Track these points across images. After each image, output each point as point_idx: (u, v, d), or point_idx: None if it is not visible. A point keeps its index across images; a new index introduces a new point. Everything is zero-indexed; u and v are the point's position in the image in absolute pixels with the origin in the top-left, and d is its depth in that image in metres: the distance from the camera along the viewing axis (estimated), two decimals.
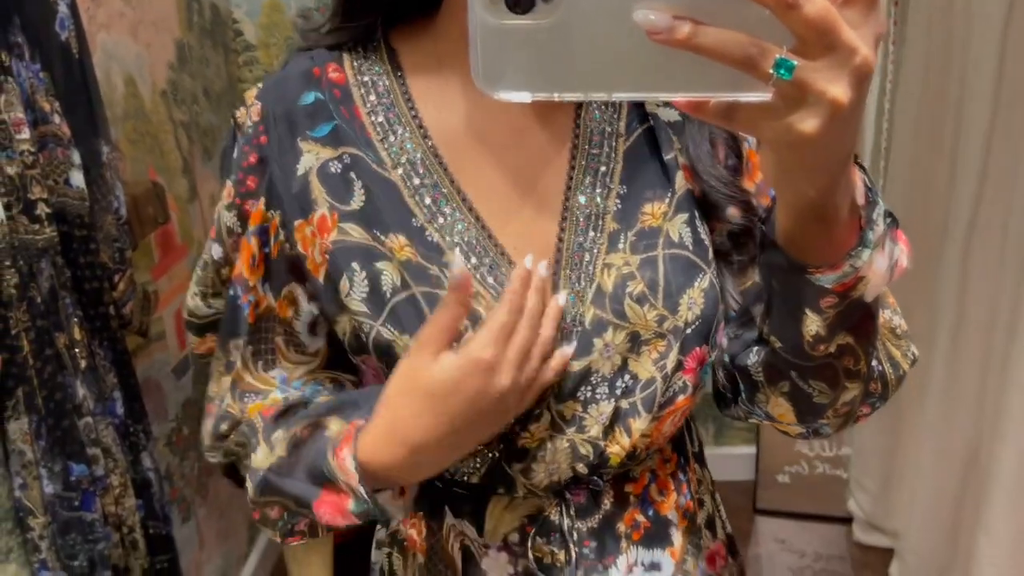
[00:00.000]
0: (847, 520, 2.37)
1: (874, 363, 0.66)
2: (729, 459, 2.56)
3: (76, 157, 1.33)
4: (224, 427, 0.74)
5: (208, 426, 0.76)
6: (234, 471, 0.77)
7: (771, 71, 0.40)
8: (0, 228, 1.16)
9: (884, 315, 0.69)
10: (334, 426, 0.66)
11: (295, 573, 1.83)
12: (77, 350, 1.29)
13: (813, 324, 0.57)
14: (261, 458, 0.69)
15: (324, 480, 0.64)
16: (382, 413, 0.62)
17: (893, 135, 1.98)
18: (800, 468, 2.49)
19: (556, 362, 0.64)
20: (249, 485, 0.71)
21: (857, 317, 0.58)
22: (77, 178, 1.33)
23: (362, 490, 0.61)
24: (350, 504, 0.63)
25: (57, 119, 1.30)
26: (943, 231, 1.79)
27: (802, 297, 0.57)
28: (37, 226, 1.23)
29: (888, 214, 0.56)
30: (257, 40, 2.29)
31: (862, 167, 0.55)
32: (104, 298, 1.38)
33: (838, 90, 0.41)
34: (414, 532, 0.77)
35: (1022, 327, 1.51)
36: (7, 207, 1.18)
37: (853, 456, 2.33)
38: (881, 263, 0.54)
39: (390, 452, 0.61)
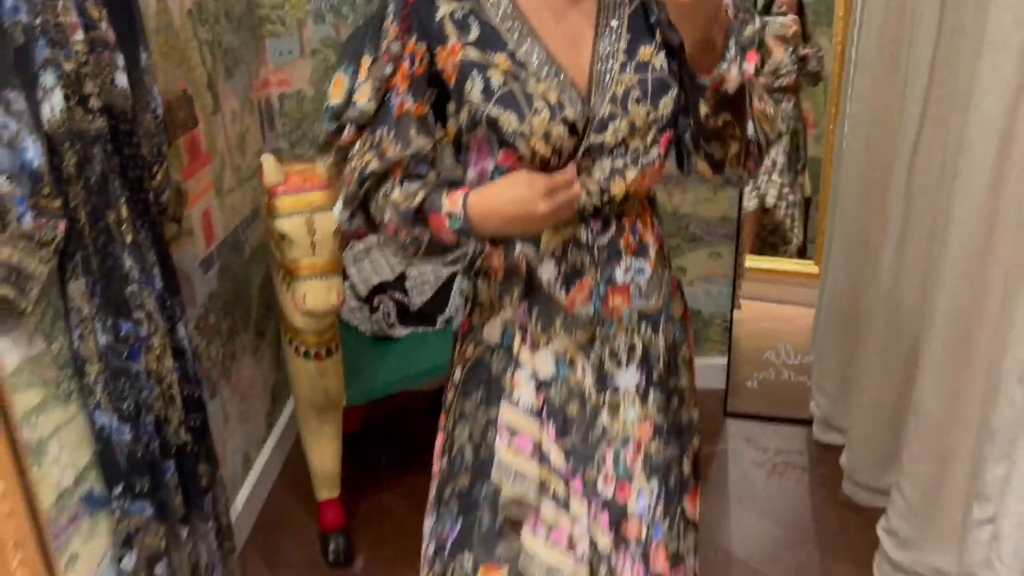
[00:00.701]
0: (808, 422, 2.60)
1: (751, 133, 1.10)
2: (704, 369, 2.74)
3: (120, 60, 1.53)
4: (369, 183, 1.11)
5: (349, 189, 1.12)
6: (366, 217, 1.15)
7: None
8: (61, 115, 1.36)
9: (759, 106, 1.10)
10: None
11: (309, 446, 2.07)
12: (124, 226, 1.50)
13: (703, 107, 1.06)
14: (397, 196, 1.10)
15: (434, 209, 1.07)
16: (486, 194, 1.06)
17: (857, 63, 2.15)
18: (767, 375, 2.72)
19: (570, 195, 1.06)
20: (387, 214, 1.10)
21: (728, 102, 1.04)
22: (121, 79, 1.53)
23: (461, 212, 1.05)
24: (448, 223, 1.06)
25: (104, 26, 1.49)
26: (893, 152, 1.98)
27: (697, 92, 1.05)
28: (90, 116, 1.44)
29: (740, 45, 1.01)
30: None
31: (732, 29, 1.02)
32: (144, 186, 1.59)
33: None
34: (495, 260, 1.17)
35: (952, 238, 1.70)
36: (66, 98, 1.38)
37: (815, 361, 2.56)
38: (735, 71, 1.02)
39: (481, 215, 1.06)
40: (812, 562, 2.11)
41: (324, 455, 2.07)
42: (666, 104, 1.09)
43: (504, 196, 1.05)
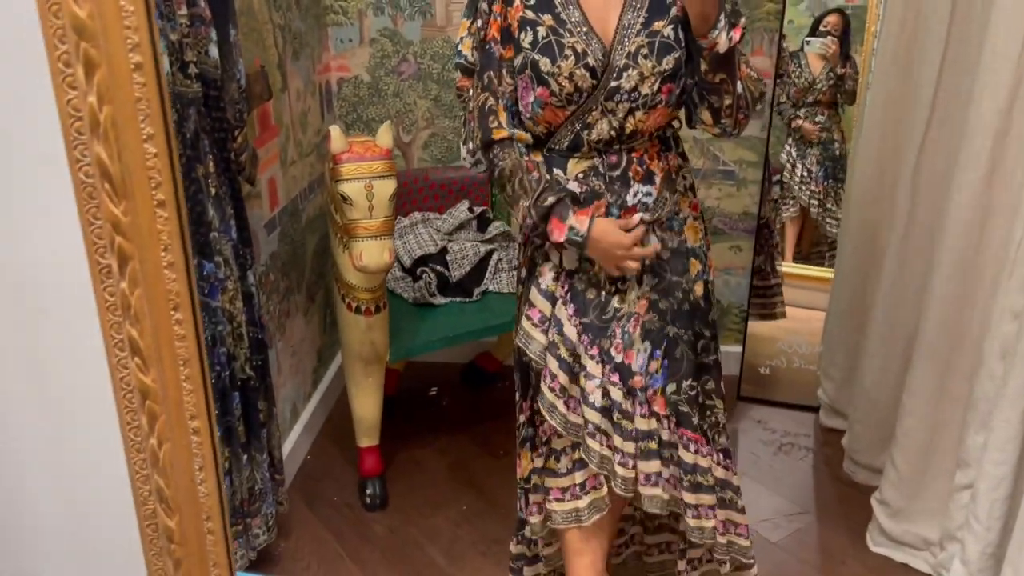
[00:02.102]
0: (816, 408, 2.76)
1: (740, 91, 1.43)
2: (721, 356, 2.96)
3: (213, 35, 1.74)
4: (492, 128, 1.49)
5: (473, 127, 1.53)
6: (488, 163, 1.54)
7: None
8: (167, 78, 1.58)
9: (745, 70, 1.45)
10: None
11: (354, 396, 2.28)
12: (210, 180, 1.72)
13: (703, 64, 1.39)
14: (500, 137, 1.50)
15: (560, 218, 1.45)
16: (602, 228, 1.44)
17: (874, 75, 2.32)
18: (779, 362, 2.88)
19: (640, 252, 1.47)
20: (514, 187, 1.49)
21: (720, 62, 1.37)
22: (213, 51, 1.75)
23: (585, 233, 1.43)
24: (566, 232, 1.44)
25: (203, 4, 1.71)
26: (902, 153, 2.15)
27: (698, 52, 1.38)
28: (188, 81, 1.65)
29: (729, 21, 1.35)
30: None
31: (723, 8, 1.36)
32: (228, 147, 1.81)
33: None
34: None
35: (949, 227, 1.87)
36: (170, 64, 1.60)
37: (823, 351, 2.72)
38: (723, 38, 1.35)
39: (594, 240, 1.44)
40: (810, 530, 2.28)
41: (367, 404, 2.27)
42: (668, 62, 1.42)
43: (610, 239, 1.44)
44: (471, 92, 1.54)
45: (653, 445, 1.55)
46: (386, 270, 1.99)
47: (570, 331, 1.53)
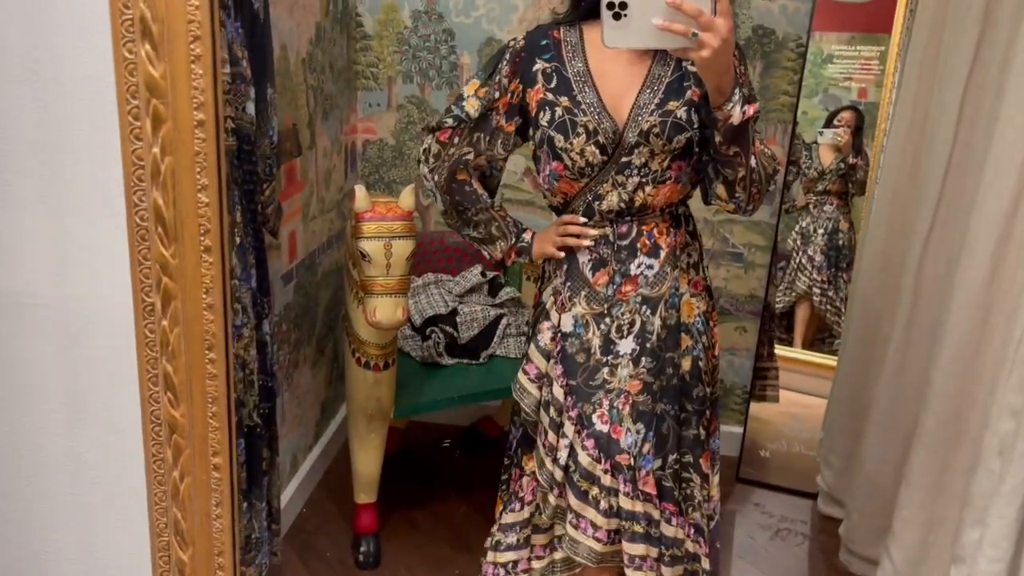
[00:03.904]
0: (814, 495, 2.76)
1: (754, 165, 1.47)
2: (722, 436, 2.97)
3: (252, 93, 1.82)
4: (460, 168, 1.65)
5: (444, 165, 1.64)
6: (446, 188, 1.69)
7: (691, 35, 1.22)
8: None
9: (759, 146, 1.49)
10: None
11: (355, 450, 2.29)
12: (236, 229, 1.77)
13: (718, 136, 1.42)
14: (480, 189, 1.69)
15: (513, 236, 1.70)
16: (536, 237, 1.67)
17: (883, 170, 2.40)
18: (780, 446, 2.89)
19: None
20: (473, 197, 1.69)
21: (734, 134, 1.41)
22: (250, 108, 1.83)
23: (527, 238, 1.68)
24: (517, 249, 1.69)
25: (244, 63, 1.80)
26: (907, 248, 2.20)
27: (712, 124, 1.42)
28: (224, 135, 1.72)
29: (743, 96, 1.39)
30: (373, 32, 2.80)
31: (739, 82, 1.40)
32: (255, 199, 1.87)
33: (714, 41, 1.24)
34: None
35: (951, 325, 1.91)
36: None
37: (823, 437, 2.73)
38: (737, 110, 1.38)
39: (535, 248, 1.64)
40: None
41: (368, 460, 2.28)
42: (679, 141, 1.50)
43: (545, 231, 1.65)
44: (453, 141, 1.63)
45: (639, 528, 1.58)
46: (399, 327, 2.04)
47: (558, 391, 1.61)
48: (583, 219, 1.58)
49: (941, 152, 2.04)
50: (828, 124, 2.93)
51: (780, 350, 3.13)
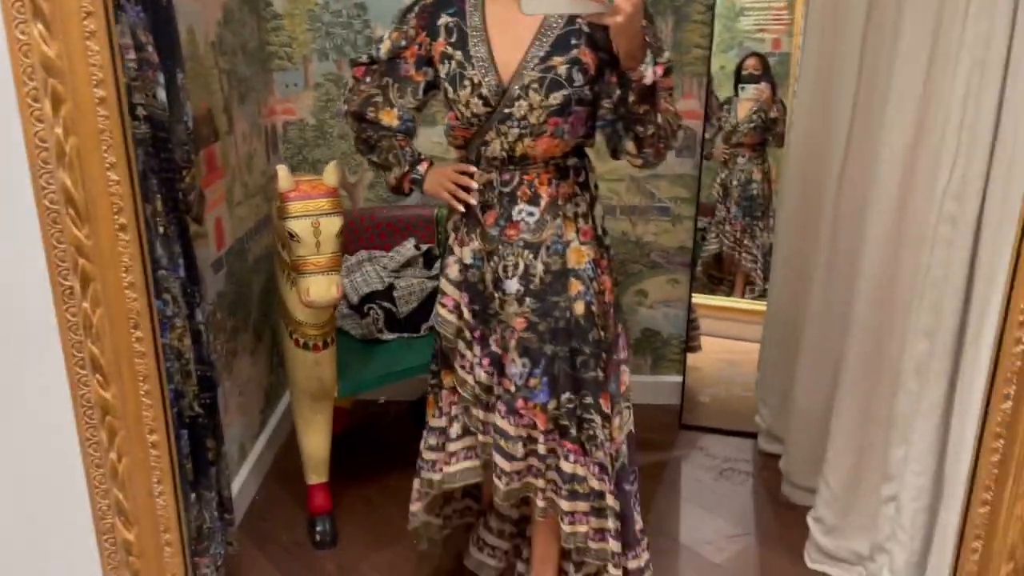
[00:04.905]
0: (754, 435, 2.86)
1: (661, 122, 1.58)
2: (662, 386, 3.05)
3: (161, 78, 1.79)
4: (371, 108, 1.78)
5: (355, 100, 1.79)
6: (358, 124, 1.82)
7: (608, 2, 1.34)
8: None
9: (665, 104, 1.58)
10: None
11: (302, 432, 2.29)
12: (158, 219, 1.74)
13: (631, 96, 1.53)
14: (386, 121, 1.77)
15: (407, 165, 1.80)
16: (429, 172, 1.79)
17: (794, 113, 2.48)
18: (719, 391, 2.98)
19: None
20: (376, 127, 1.79)
21: (644, 94, 1.52)
22: (161, 94, 1.79)
23: (420, 171, 1.79)
24: (412, 176, 1.79)
25: (150, 48, 1.75)
26: (822, 188, 2.29)
27: (626, 84, 1.52)
28: (136, 123, 1.69)
29: (654, 58, 1.50)
30: (283, 11, 2.76)
31: (648, 43, 1.51)
32: (175, 187, 1.84)
33: (627, 7, 1.38)
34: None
35: (866, 258, 1.99)
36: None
37: (759, 378, 2.82)
38: (649, 72, 1.49)
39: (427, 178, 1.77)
40: (751, 551, 2.35)
41: (315, 441, 2.29)
42: (555, 97, 1.61)
43: (437, 174, 1.77)
44: (365, 79, 1.79)
45: (505, 444, 1.74)
46: (333, 304, 2.04)
47: (467, 315, 1.77)
48: (474, 170, 1.71)
49: (847, 93, 2.12)
50: (738, 74, 3.01)
51: (715, 300, 3.22)
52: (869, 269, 1.98)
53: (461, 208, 1.73)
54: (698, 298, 3.00)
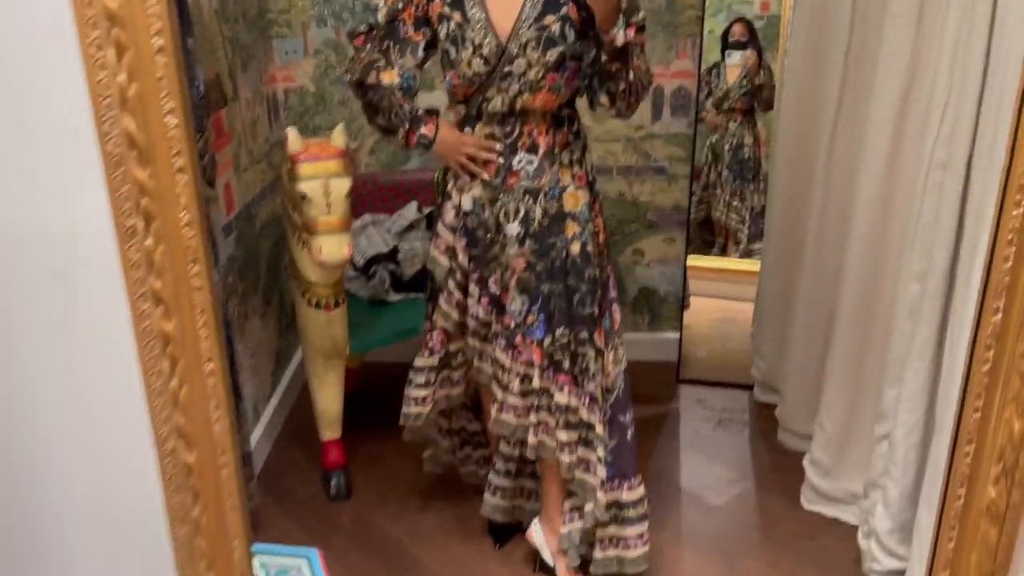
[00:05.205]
0: (750, 386, 2.95)
1: (632, 79, 1.72)
2: (660, 343, 3.13)
3: None
4: (371, 73, 1.83)
5: (358, 67, 1.85)
6: (359, 86, 1.88)
7: None
8: None
9: (637, 62, 1.71)
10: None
11: (316, 390, 2.36)
12: None
13: (604, 55, 1.69)
14: (387, 81, 1.83)
15: (414, 127, 1.87)
16: (443, 135, 1.87)
17: (785, 75, 2.53)
18: (715, 346, 3.06)
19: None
20: (378, 89, 1.84)
21: (617, 54, 1.67)
22: None
23: (429, 135, 1.87)
24: (417, 139, 1.87)
25: None
26: (814, 146, 2.35)
27: (602, 46, 1.68)
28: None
29: (625, 22, 1.64)
30: None
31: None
32: None
33: None
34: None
35: (858, 208, 2.06)
36: None
37: (754, 331, 2.91)
38: (620, 35, 1.63)
39: (438, 143, 1.87)
40: (749, 495, 2.45)
41: (329, 398, 2.36)
42: (551, 54, 1.73)
43: (448, 140, 1.85)
44: (365, 47, 1.86)
45: (502, 375, 1.90)
46: (345, 263, 2.10)
47: (463, 259, 1.91)
48: (499, 148, 1.83)
49: (839, 50, 2.18)
50: (724, 39, 3.06)
51: (707, 260, 3.30)
52: (861, 219, 2.05)
53: (468, 177, 1.85)
54: (691, 259, 3.08)
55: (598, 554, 1.92)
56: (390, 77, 1.83)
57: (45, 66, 0.81)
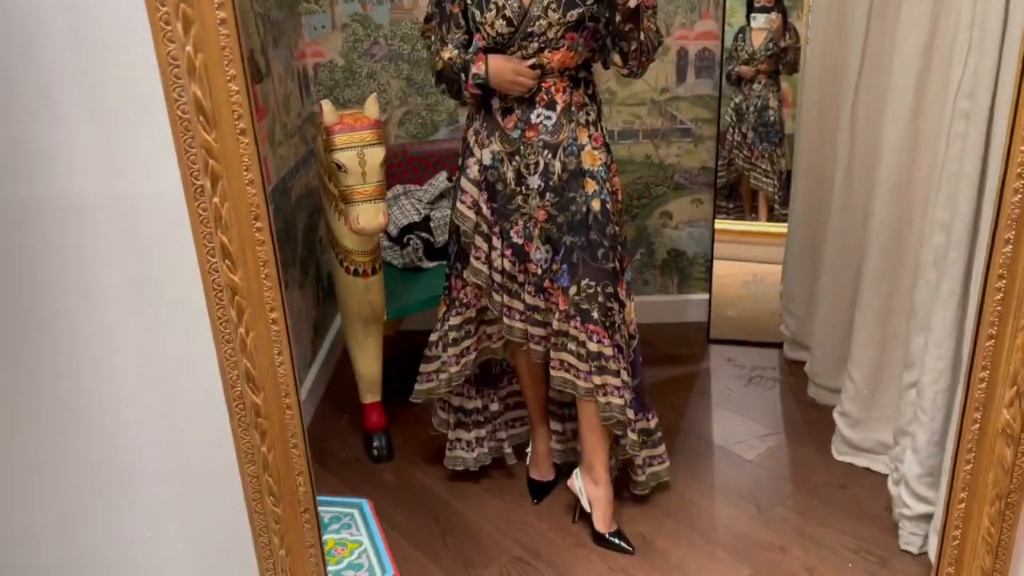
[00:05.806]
0: (780, 344, 2.99)
1: (643, 39, 1.82)
2: (690, 303, 3.19)
3: None
4: (441, 60, 1.95)
5: (436, 62, 1.97)
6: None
7: None
8: None
9: (647, 23, 1.81)
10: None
11: (356, 355, 2.45)
12: None
13: (618, 16, 1.78)
14: (446, 57, 1.94)
15: (466, 68, 1.92)
16: (491, 63, 1.89)
17: (810, 32, 2.55)
18: (743, 306, 3.11)
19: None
20: (443, 69, 1.95)
21: (629, 15, 1.78)
22: None
23: (481, 73, 1.89)
24: (471, 79, 1.90)
25: None
26: (839, 98, 2.37)
27: (615, 7, 1.78)
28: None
29: None
30: None
31: None
32: None
33: None
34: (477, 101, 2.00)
35: (884, 159, 2.09)
36: None
37: (783, 289, 2.95)
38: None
39: (492, 73, 1.89)
40: (781, 448, 2.50)
41: (368, 362, 2.44)
42: (571, 15, 1.83)
43: (503, 66, 1.88)
44: (429, 37, 1.99)
45: (539, 316, 2.04)
46: (381, 231, 2.17)
47: (486, 212, 2.01)
48: (537, 74, 1.89)
49: (862, 5, 2.19)
50: (749, 3, 3.07)
51: (734, 224, 3.33)
52: (888, 169, 2.08)
53: (520, 91, 1.90)
54: (718, 223, 3.11)
55: (640, 477, 2.20)
56: (448, 53, 1.94)
57: (118, 40, 0.88)
